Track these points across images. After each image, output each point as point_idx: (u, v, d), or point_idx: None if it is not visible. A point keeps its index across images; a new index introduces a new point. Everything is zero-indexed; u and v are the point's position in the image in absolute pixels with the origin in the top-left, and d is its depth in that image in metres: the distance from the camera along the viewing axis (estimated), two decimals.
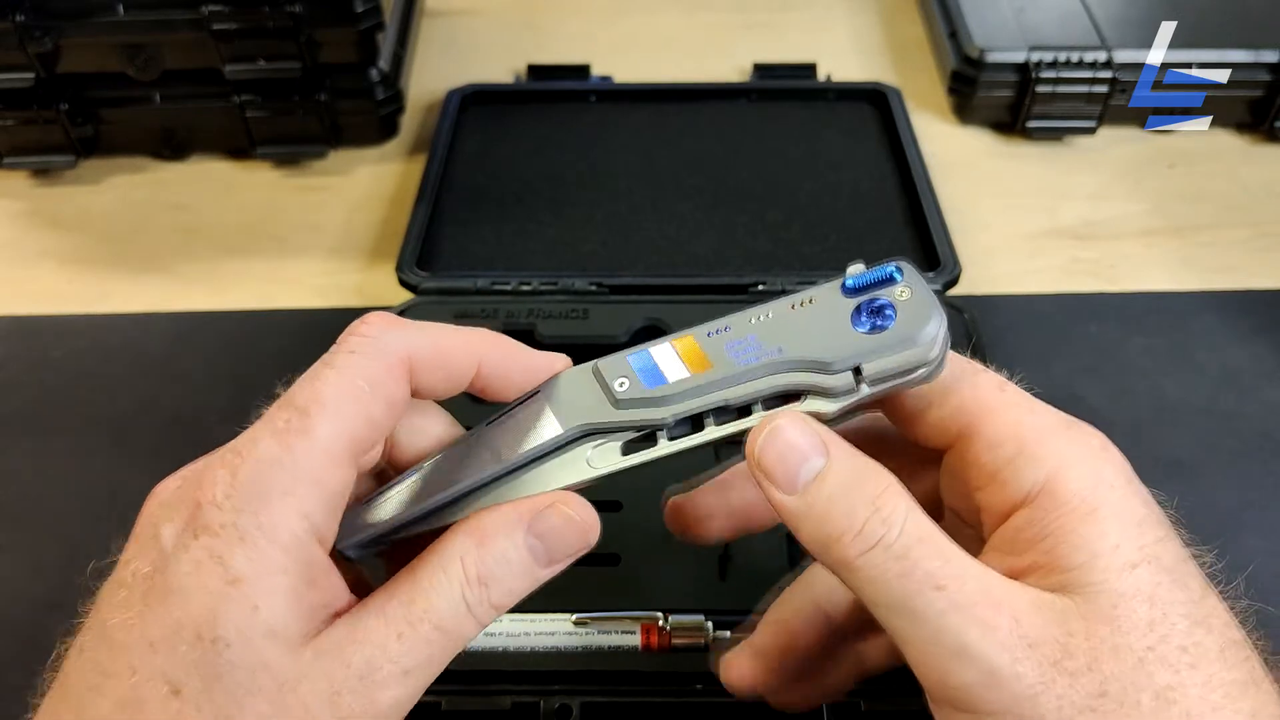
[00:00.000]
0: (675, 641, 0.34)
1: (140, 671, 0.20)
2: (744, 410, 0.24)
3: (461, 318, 0.46)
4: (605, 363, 0.25)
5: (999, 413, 0.24)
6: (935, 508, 0.27)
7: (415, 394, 0.24)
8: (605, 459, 0.25)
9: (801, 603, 0.30)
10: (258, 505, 0.21)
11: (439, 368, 0.24)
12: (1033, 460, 0.24)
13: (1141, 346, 0.49)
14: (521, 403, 0.25)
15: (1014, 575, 0.23)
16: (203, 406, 0.47)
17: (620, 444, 0.25)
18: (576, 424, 0.24)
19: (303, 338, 0.50)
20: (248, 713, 0.20)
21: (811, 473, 0.23)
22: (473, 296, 0.48)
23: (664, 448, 0.25)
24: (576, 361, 0.26)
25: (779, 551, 0.38)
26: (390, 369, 0.23)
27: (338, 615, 0.22)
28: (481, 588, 0.23)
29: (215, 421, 0.46)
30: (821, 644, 0.29)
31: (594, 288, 0.48)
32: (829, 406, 0.24)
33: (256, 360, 0.49)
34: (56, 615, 0.39)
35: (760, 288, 0.48)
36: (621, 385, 0.24)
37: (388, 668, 0.21)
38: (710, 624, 0.35)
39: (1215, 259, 0.54)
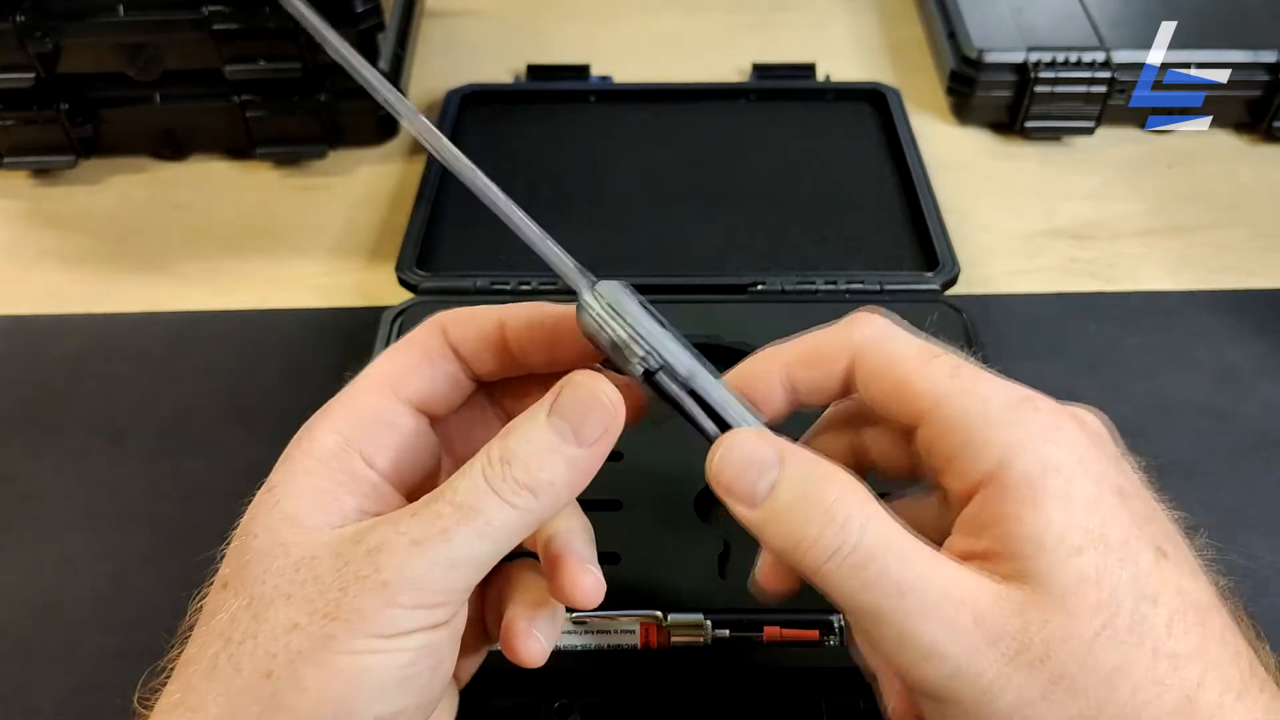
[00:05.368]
0: (675, 640, 0.34)
1: (212, 580, 0.25)
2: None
3: None
4: None
5: (950, 399, 0.25)
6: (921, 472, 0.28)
7: (454, 348, 0.28)
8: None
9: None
10: (304, 431, 0.26)
11: (467, 324, 0.28)
12: (981, 448, 0.24)
13: (1140, 346, 0.50)
14: None
15: (975, 558, 0.24)
16: (203, 406, 0.47)
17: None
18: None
19: (303, 338, 0.50)
20: (268, 585, 0.23)
21: (768, 485, 0.24)
22: (473, 296, 0.48)
23: None
24: None
25: None
26: (428, 329, 0.28)
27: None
28: (503, 465, 0.24)
29: (215, 421, 0.47)
30: None
31: None
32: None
33: (256, 360, 0.49)
34: (55, 615, 0.40)
35: (759, 288, 0.49)
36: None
37: (395, 539, 0.23)
38: (710, 623, 0.35)
39: (1214, 259, 0.54)
